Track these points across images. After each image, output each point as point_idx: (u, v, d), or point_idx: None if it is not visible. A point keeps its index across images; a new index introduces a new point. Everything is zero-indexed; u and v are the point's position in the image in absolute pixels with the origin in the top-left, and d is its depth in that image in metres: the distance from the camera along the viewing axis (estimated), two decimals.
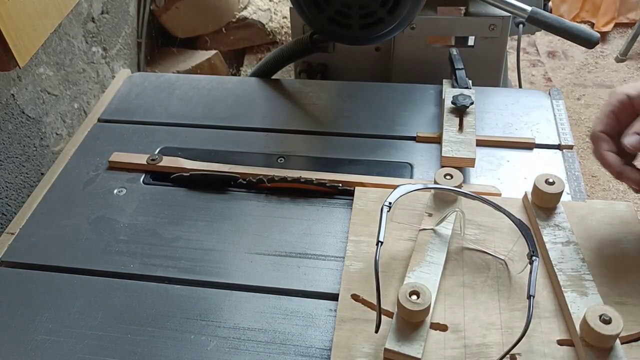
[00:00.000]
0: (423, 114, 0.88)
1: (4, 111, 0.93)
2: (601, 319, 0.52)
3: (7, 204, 0.94)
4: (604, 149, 0.54)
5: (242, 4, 1.82)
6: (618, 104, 0.55)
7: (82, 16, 1.22)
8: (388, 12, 0.81)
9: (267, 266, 0.68)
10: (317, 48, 0.92)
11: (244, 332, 0.61)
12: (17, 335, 0.62)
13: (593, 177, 1.89)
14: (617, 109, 0.55)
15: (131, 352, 0.60)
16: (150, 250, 0.70)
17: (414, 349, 0.54)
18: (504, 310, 0.59)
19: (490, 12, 1.02)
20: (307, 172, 0.77)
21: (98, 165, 0.82)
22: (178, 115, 0.91)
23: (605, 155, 0.54)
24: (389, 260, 0.64)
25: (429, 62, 1.07)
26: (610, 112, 0.55)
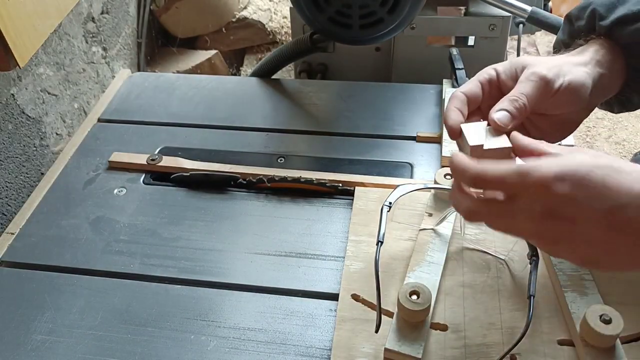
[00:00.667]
0: (423, 114, 0.88)
1: (4, 111, 0.93)
2: (601, 319, 0.52)
3: (7, 204, 0.94)
4: (454, 105, 0.52)
5: (242, 4, 1.82)
6: (487, 76, 0.54)
7: (82, 16, 1.22)
8: (388, 12, 0.81)
9: (267, 266, 0.68)
10: (317, 48, 0.92)
11: (244, 332, 0.61)
12: (17, 335, 0.62)
13: None
14: (485, 79, 0.54)
15: (131, 352, 0.60)
16: (150, 250, 0.70)
17: (414, 349, 0.54)
18: (504, 310, 0.59)
19: (490, 12, 1.02)
20: (307, 172, 0.77)
21: (98, 165, 0.82)
22: (178, 115, 0.91)
23: (451, 111, 0.51)
24: (389, 260, 0.64)
25: (429, 62, 1.07)
26: (477, 81, 0.54)
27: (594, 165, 0.41)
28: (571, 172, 0.41)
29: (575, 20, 0.57)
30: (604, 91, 0.55)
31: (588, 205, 0.41)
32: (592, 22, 0.54)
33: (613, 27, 0.53)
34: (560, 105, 0.52)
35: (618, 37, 0.53)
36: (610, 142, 2.01)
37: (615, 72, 0.54)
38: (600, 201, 0.41)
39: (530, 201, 0.42)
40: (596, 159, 0.42)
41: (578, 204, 0.41)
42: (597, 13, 0.54)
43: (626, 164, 0.42)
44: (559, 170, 0.41)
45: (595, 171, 0.41)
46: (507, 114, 0.49)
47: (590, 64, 0.53)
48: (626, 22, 0.52)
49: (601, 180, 0.41)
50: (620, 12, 0.52)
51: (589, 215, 0.41)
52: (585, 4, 0.56)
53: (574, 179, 0.41)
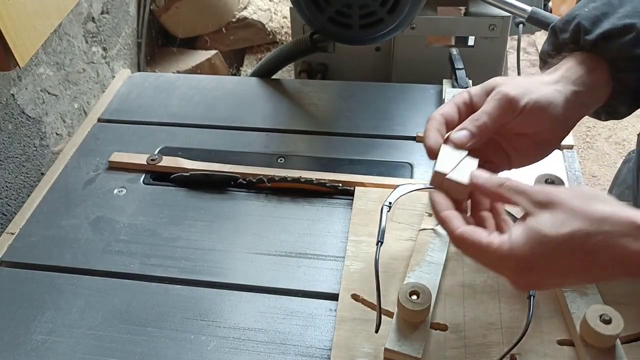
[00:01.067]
0: (423, 114, 0.88)
1: (4, 111, 0.93)
2: (601, 319, 0.52)
3: (7, 204, 0.94)
4: (432, 125, 0.54)
5: (242, 4, 1.82)
6: (461, 99, 0.55)
7: (82, 16, 1.22)
8: (388, 12, 0.81)
9: (267, 266, 0.68)
10: (317, 48, 0.92)
11: (244, 332, 0.61)
12: (17, 335, 0.62)
13: (593, 177, 1.89)
14: (460, 102, 0.55)
15: (131, 352, 0.60)
16: (150, 250, 0.70)
17: (414, 349, 0.54)
18: (504, 310, 0.59)
19: (490, 12, 1.02)
20: (307, 172, 0.77)
21: (98, 165, 0.82)
22: (178, 115, 0.91)
23: (430, 131, 0.53)
24: (389, 260, 0.64)
25: (429, 62, 1.07)
26: (452, 103, 0.55)
27: (558, 241, 0.43)
28: (533, 259, 0.44)
29: (560, 32, 0.57)
30: (584, 107, 0.55)
31: (554, 265, 0.44)
32: (577, 36, 0.54)
33: (598, 42, 0.53)
34: (530, 124, 0.53)
35: (603, 51, 0.53)
36: (610, 142, 2.01)
37: (597, 86, 0.54)
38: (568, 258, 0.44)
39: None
40: (560, 227, 0.44)
41: (547, 267, 0.45)
42: (582, 27, 0.54)
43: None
44: (521, 264, 0.45)
45: (561, 250, 0.44)
46: (466, 133, 0.52)
47: (562, 81, 0.54)
48: (611, 37, 0.52)
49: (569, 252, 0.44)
50: (605, 27, 0.52)
51: (558, 269, 0.44)
52: (570, 16, 0.56)
53: (538, 264, 0.44)
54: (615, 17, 0.52)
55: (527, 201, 0.46)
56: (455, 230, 0.48)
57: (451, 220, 0.49)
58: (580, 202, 0.44)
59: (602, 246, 0.42)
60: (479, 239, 0.46)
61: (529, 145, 0.55)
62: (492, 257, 0.46)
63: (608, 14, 0.53)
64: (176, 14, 1.70)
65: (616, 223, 0.42)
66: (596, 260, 0.43)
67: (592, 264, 0.43)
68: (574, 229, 0.43)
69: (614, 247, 0.42)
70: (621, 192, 0.80)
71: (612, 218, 0.42)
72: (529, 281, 0.46)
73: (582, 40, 0.54)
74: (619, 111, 0.57)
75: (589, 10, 0.54)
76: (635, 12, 0.52)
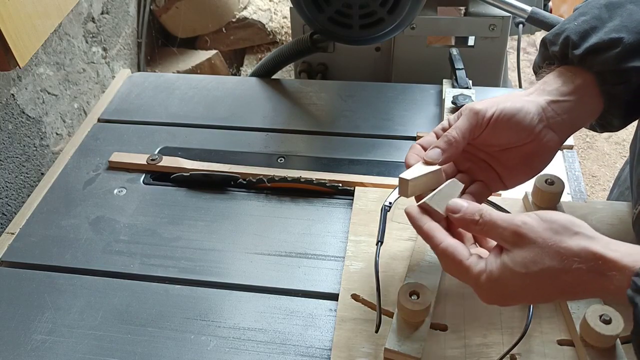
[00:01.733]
0: (423, 114, 0.88)
1: (4, 111, 0.93)
2: (601, 319, 0.52)
3: (7, 204, 0.94)
4: (413, 151, 0.57)
5: (242, 4, 1.82)
6: (440, 126, 0.58)
7: (82, 16, 1.22)
8: (388, 12, 0.81)
9: (267, 266, 0.68)
10: (317, 48, 0.92)
11: (244, 332, 0.61)
12: (17, 335, 0.62)
13: (593, 177, 1.89)
14: (438, 129, 0.58)
15: (131, 352, 0.60)
16: (150, 250, 0.70)
17: (414, 349, 0.54)
18: (504, 310, 0.59)
19: (490, 12, 1.02)
20: (307, 172, 0.77)
21: (98, 165, 0.82)
22: (178, 115, 0.91)
23: (411, 157, 0.57)
24: (389, 260, 0.64)
25: (429, 62, 1.07)
26: (432, 132, 0.58)
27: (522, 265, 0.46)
28: (501, 284, 0.47)
29: (550, 45, 0.57)
30: (571, 118, 0.55)
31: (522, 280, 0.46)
32: (565, 49, 0.55)
33: (585, 56, 0.53)
34: (501, 134, 0.54)
35: (590, 65, 0.53)
36: (610, 142, 2.01)
37: (584, 98, 0.54)
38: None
39: None
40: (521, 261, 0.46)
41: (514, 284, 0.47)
42: (570, 40, 0.54)
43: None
44: (494, 292, 0.48)
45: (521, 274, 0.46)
46: (437, 150, 0.55)
47: (535, 92, 0.55)
48: (598, 51, 0.53)
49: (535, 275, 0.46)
50: (592, 41, 0.53)
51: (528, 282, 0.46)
52: (560, 29, 0.56)
53: (509, 293, 0.47)
54: (603, 32, 0.53)
55: (499, 238, 0.48)
56: (438, 245, 0.50)
57: (434, 233, 0.51)
58: (549, 237, 0.45)
59: (570, 282, 0.44)
60: (460, 259, 0.49)
61: (517, 161, 0.56)
62: (469, 279, 0.49)
63: (597, 28, 0.54)
64: (176, 14, 1.70)
65: (584, 259, 0.43)
66: (564, 292, 0.45)
67: (561, 294, 0.46)
68: (544, 267, 0.45)
69: (582, 283, 0.44)
70: (622, 192, 0.80)
71: (580, 254, 0.44)
72: (499, 302, 0.49)
73: (570, 54, 0.55)
74: (613, 124, 0.58)
75: (579, 24, 0.55)
76: (623, 26, 0.53)
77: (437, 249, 0.50)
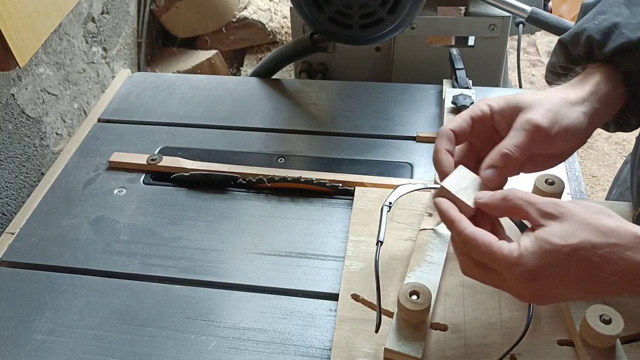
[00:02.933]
0: (423, 114, 0.88)
1: (4, 111, 0.93)
2: (601, 319, 0.52)
3: (7, 204, 0.94)
4: (443, 146, 0.53)
5: (242, 4, 1.82)
6: (479, 113, 0.54)
7: (82, 16, 1.22)
8: (388, 12, 0.81)
9: (267, 266, 0.68)
10: (317, 48, 0.92)
11: (244, 332, 0.61)
12: (17, 335, 0.62)
13: (593, 177, 1.89)
14: (477, 116, 0.54)
15: (131, 352, 0.60)
16: (150, 250, 0.70)
17: (414, 349, 0.54)
18: (504, 311, 0.59)
19: (490, 12, 1.02)
20: (307, 172, 0.77)
21: (98, 165, 0.82)
22: (178, 115, 0.91)
23: (442, 153, 0.53)
24: (389, 260, 0.64)
25: (429, 62, 1.07)
26: (468, 117, 0.54)
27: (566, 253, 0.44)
28: (542, 269, 0.45)
29: (571, 47, 0.56)
30: (601, 121, 0.55)
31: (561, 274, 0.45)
32: (589, 49, 0.54)
33: (613, 55, 0.52)
34: (554, 147, 0.53)
35: (619, 64, 0.53)
36: (610, 142, 2.01)
37: (613, 100, 0.54)
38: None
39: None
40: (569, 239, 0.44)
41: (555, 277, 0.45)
42: (593, 40, 0.53)
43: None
44: (528, 273, 0.45)
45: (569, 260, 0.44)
46: (494, 171, 0.51)
47: (588, 100, 0.53)
48: (627, 51, 0.52)
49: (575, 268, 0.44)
50: (619, 40, 0.52)
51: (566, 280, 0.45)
52: (578, 29, 0.55)
53: (545, 273, 0.45)
54: (629, 30, 0.52)
55: (535, 212, 0.46)
56: (465, 229, 0.48)
57: (461, 220, 0.49)
58: (588, 215, 0.45)
59: (608, 258, 0.43)
60: (490, 241, 0.46)
61: (545, 158, 0.55)
62: (500, 262, 0.46)
63: (619, 25, 0.53)
64: (176, 14, 1.70)
65: (622, 236, 0.43)
66: (601, 272, 0.44)
67: (597, 275, 0.44)
68: (582, 240, 0.44)
69: (620, 259, 0.43)
70: (621, 192, 0.80)
71: (618, 231, 0.43)
72: (533, 291, 0.46)
73: (596, 53, 0.54)
74: (630, 123, 0.57)
75: (599, 22, 0.54)
76: None
77: (463, 233, 0.48)
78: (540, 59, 2.40)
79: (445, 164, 0.53)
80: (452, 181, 0.52)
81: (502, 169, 0.51)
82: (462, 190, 0.51)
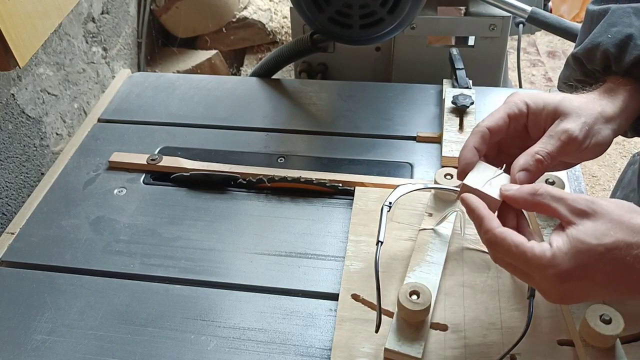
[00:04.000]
0: (423, 114, 0.88)
1: (4, 111, 0.93)
2: (601, 319, 0.52)
3: (7, 204, 0.94)
4: (473, 143, 0.52)
5: (242, 4, 1.82)
6: (516, 110, 0.53)
7: (82, 16, 1.22)
8: (388, 12, 0.81)
9: (267, 266, 0.68)
10: (317, 48, 0.92)
11: (244, 332, 0.61)
12: (17, 335, 0.62)
13: (593, 177, 1.89)
14: (514, 114, 0.53)
15: (131, 352, 0.60)
16: (150, 250, 0.70)
17: (414, 349, 0.54)
18: (504, 310, 0.59)
19: (490, 12, 1.02)
20: (307, 172, 0.77)
21: (98, 165, 0.82)
22: (178, 115, 0.91)
23: (468, 150, 0.52)
24: (389, 260, 0.64)
25: (429, 62, 1.07)
26: (505, 114, 0.53)
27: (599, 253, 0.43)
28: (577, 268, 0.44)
29: (587, 61, 0.56)
30: (620, 133, 0.55)
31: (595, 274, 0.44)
32: (607, 63, 0.54)
33: (631, 68, 0.53)
34: (578, 159, 0.54)
35: (637, 76, 0.53)
36: None
37: (636, 112, 0.54)
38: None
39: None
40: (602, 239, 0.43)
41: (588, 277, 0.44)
42: (610, 54, 0.53)
43: None
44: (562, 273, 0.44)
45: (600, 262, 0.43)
46: (528, 175, 0.50)
47: (619, 117, 0.53)
48: None
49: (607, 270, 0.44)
50: (635, 52, 0.52)
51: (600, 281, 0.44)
52: (592, 44, 0.55)
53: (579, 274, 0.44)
54: None
55: (566, 209, 0.46)
56: (494, 228, 0.47)
57: (490, 219, 0.48)
58: (621, 213, 0.44)
59: None
60: (520, 241, 0.45)
61: (561, 164, 0.55)
62: (532, 263, 0.45)
63: (633, 36, 0.53)
64: (176, 14, 1.70)
65: None
66: (634, 272, 0.43)
67: (630, 275, 0.43)
68: (617, 239, 0.43)
69: None
70: (626, 194, 0.79)
71: None
72: (566, 292, 0.45)
73: (613, 67, 0.54)
74: None
75: (613, 36, 0.54)
76: None
77: (492, 232, 0.47)
78: (540, 59, 2.40)
79: (468, 162, 0.52)
80: (474, 178, 0.52)
81: (534, 173, 0.51)
82: (486, 185, 0.51)
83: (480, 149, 0.53)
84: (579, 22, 0.68)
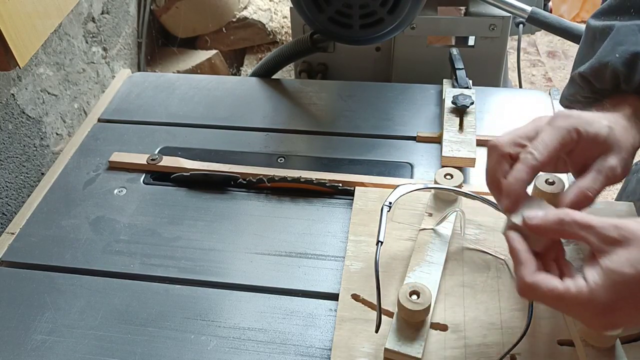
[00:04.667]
0: (423, 114, 0.88)
1: (4, 111, 0.93)
2: None
3: (7, 204, 0.94)
4: (522, 175, 0.50)
5: (242, 4, 1.82)
6: (569, 139, 0.51)
7: (82, 16, 1.22)
8: (388, 12, 0.81)
9: (267, 266, 0.68)
10: (317, 48, 0.92)
11: (244, 332, 0.61)
12: (17, 335, 0.62)
13: None
14: (566, 143, 0.51)
15: (131, 352, 0.60)
16: (150, 250, 0.70)
17: (414, 349, 0.54)
18: (504, 310, 0.59)
19: (490, 12, 1.02)
20: (307, 172, 0.77)
21: (98, 165, 0.82)
22: (178, 115, 0.91)
23: (517, 180, 0.50)
24: (389, 260, 0.64)
25: (429, 62, 1.07)
26: (558, 144, 0.50)
27: None
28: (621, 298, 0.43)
29: (595, 81, 0.56)
30: None
31: None
32: (616, 82, 0.55)
33: None
34: None
35: None
36: None
37: None
38: None
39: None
40: None
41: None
42: (620, 73, 0.54)
43: None
44: (603, 307, 0.43)
45: None
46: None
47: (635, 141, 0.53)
48: None
49: None
50: None
51: None
52: (600, 63, 0.55)
53: (620, 305, 0.43)
54: None
55: (596, 237, 0.45)
56: (526, 277, 0.46)
57: (527, 265, 0.47)
58: None
59: None
60: (555, 286, 0.45)
61: (565, 165, 0.56)
62: (571, 303, 0.44)
63: (639, 52, 0.53)
64: (176, 14, 1.70)
65: None
66: None
67: None
68: None
69: None
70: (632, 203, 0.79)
71: None
72: (610, 322, 0.45)
73: (623, 86, 0.54)
74: None
75: (621, 55, 0.54)
76: None
77: (524, 281, 0.46)
78: (540, 59, 2.40)
79: (518, 196, 0.50)
80: (519, 214, 0.50)
81: (580, 207, 0.50)
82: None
83: (530, 181, 0.51)
84: (579, 22, 0.68)
